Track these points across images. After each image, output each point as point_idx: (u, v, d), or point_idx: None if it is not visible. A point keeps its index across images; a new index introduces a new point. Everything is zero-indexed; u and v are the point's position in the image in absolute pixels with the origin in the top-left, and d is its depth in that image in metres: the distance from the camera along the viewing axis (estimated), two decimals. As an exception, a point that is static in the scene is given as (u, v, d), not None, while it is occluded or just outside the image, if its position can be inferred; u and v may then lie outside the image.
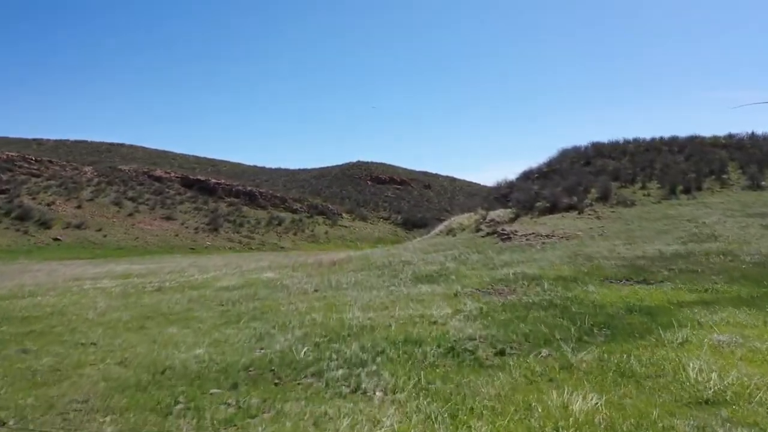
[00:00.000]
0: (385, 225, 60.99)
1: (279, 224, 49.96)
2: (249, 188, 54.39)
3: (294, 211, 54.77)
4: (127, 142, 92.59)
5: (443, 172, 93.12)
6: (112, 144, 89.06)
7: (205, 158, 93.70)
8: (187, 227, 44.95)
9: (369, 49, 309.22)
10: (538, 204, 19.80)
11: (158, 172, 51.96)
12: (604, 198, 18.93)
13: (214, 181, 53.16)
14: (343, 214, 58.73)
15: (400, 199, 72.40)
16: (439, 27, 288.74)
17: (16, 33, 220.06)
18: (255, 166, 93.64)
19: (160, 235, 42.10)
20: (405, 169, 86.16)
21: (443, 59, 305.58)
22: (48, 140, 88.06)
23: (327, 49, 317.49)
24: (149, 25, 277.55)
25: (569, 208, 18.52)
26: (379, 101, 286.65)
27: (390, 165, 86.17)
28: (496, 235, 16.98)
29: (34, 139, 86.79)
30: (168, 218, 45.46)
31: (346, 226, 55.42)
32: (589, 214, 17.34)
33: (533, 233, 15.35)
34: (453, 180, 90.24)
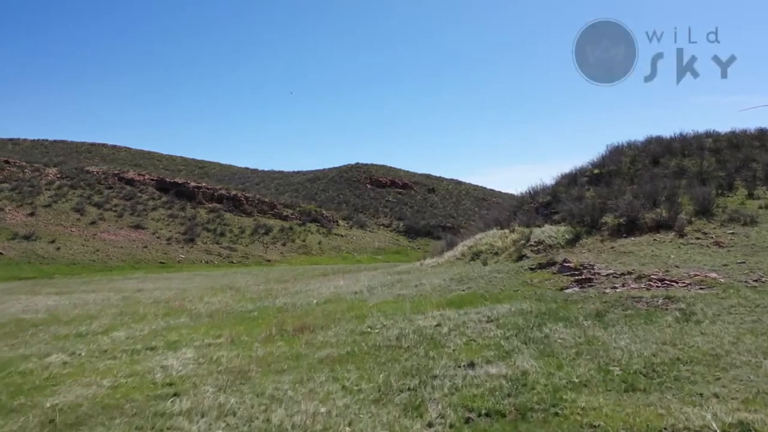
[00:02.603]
0: (386, 233, 55.10)
1: (266, 233, 44.13)
2: (233, 193, 48.48)
3: (284, 218, 48.93)
4: (116, 143, 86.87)
5: (447, 175, 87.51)
6: (93, 144, 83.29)
7: (193, 160, 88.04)
8: (158, 237, 39.11)
9: (369, 48, 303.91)
10: (604, 219, 14.00)
11: (130, 174, 46.07)
12: (704, 212, 13.12)
13: (193, 184, 47.23)
14: (339, 222, 52.87)
15: (402, 204, 66.53)
16: (441, 27, 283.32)
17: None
18: (246, 168, 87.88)
19: (126, 247, 36.24)
20: (407, 172, 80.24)
21: (445, 60, 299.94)
22: (25, 140, 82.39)
23: (327, 48, 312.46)
24: (144, 23, 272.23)
25: (658, 226, 12.71)
26: (379, 101, 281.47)
27: (391, 167, 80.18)
28: (556, 268, 11.17)
29: (10, 139, 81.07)
30: (137, 227, 39.62)
31: (342, 235, 49.54)
32: (698, 238, 11.51)
33: (628, 272, 9.50)
34: (458, 183, 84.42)
